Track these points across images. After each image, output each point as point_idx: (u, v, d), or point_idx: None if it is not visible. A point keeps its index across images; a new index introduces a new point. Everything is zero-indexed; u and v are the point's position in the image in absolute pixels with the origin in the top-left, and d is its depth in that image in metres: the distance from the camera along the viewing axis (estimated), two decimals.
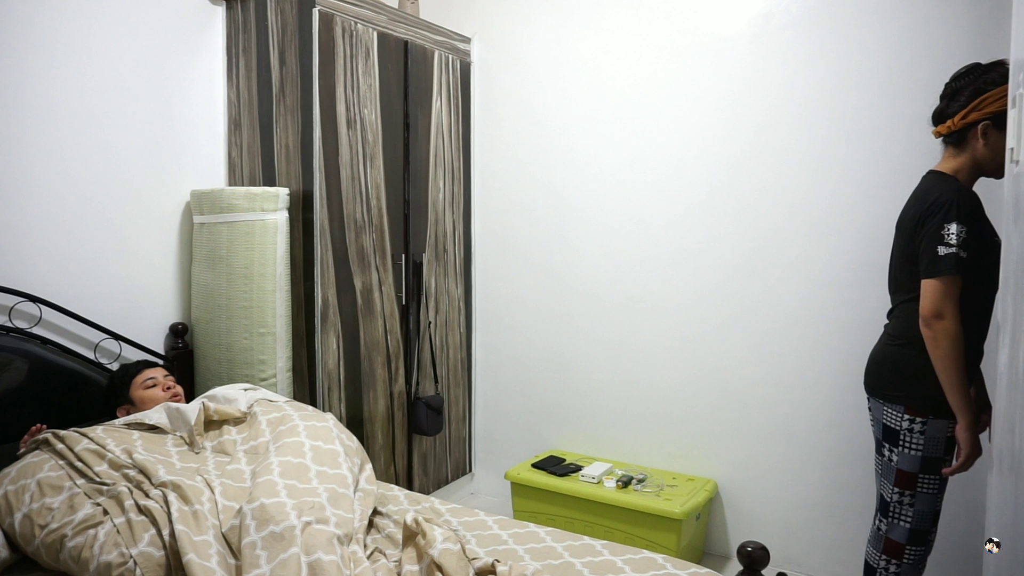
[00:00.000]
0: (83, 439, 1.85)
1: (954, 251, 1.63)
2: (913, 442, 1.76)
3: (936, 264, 1.65)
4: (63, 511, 1.63)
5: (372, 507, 1.79)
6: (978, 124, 1.68)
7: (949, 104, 1.76)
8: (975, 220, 1.68)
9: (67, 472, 1.75)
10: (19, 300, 2.14)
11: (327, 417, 2.00)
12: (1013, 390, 1.20)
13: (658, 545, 2.49)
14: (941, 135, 1.78)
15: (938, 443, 1.73)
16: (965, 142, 1.73)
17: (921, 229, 1.71)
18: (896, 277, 1.86)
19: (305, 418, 1.95)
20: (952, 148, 1.77)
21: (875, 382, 1.86)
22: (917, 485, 1.77)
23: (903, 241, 1.80)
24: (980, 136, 1.69)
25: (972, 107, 1.68)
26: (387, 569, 1.53)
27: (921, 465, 1.75)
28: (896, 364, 1.80)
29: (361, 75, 2.63)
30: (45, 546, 1.60)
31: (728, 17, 2.61)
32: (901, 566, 1.81)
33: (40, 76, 2.18)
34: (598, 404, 3.00)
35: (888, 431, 1.81)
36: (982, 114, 1.67)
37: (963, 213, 1.65)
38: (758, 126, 2.57)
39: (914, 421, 1.75)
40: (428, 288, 3.00)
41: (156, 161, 2.52)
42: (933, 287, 1.65)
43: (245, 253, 2.46)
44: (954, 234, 1.63)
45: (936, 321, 1.65)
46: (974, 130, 1.70)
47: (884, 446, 1.83)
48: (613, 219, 2.90)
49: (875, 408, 1.86)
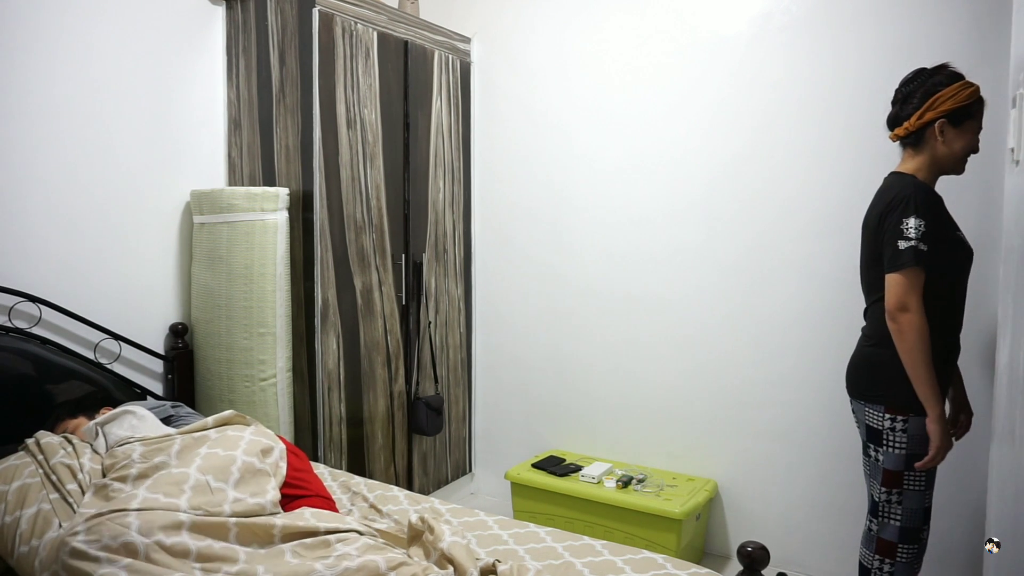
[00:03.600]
0: (60, 451, 1.81)
1: (913, 244, 1.67)
2: (896, 441, 1.77)
3: (897, 258, 1.69)
4: (31, 529, 1.60)
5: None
6: (934, 123, 1.75)
7: (902, 108, 1.82)
8: (933, 214, 1.72)
9: (42, 481, 1.72)
10: (19, 300, 2.14)
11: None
12: (1013, 390, 1.20)
13: (658, 545, 2.49)
14: (899, 137, 1.84)
15: (921, 440, 1.74)
16: (923, 142, 1.79)
17: (883, 226, 1.75)
18: (866, 278, 1.89)
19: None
20: (910, 149, 1.83)
21: (855, 384, 1.89)
22: (904, 483, 1.78)
23: (868, 242, 1.85)
24: (938, 134, 1.75)
25: (927, 107, 1.75)
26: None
27: (906, 463, 1.77)
28: (873, 364, 1.83)
29: (361, 75, 2.63)
30: (19, 564, 1.58)
31: (728, 17, 2.60)
32: (895, 565, 1.81)
33: (40, 76, 2.18)
34: (598, 404, 3.00)
35: (871, 431, 1.83)
36: (937, 113, 1.74)
37: (921, 207, 1.69)
38: (758, 126, 2.57)
39: (895, 420, 1.77)
40: (428, 288, 3.00)
41: (156, 161, 2.52)
42: (896, 281, 1.69)
43: (245, 253, 2.46)
44: (912, 228, 1.68)
45: (901, 314, 1.68)
46: (931, 129, 1.76)
47: (869, 447, 1.85)
48: (613, 219, 2.90)
49: (857, 410, 1.89)
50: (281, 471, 1.84)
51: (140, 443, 1.78)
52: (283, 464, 1.86)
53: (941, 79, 1.76)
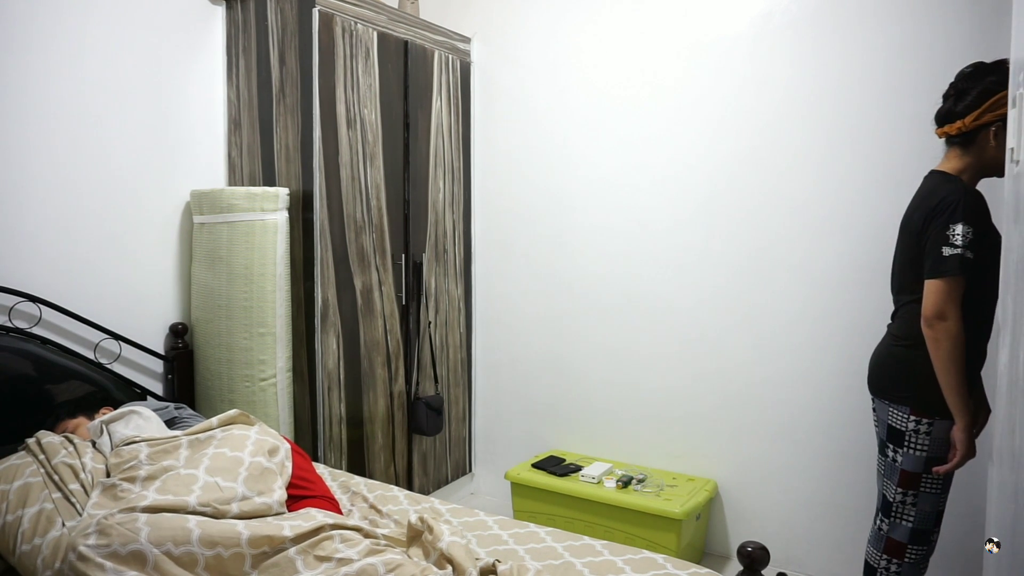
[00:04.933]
0: (61, 450, 1.80)
1: (959, 252, 1.62)
2: (919, 443, 1.75)
3: (940, 265, 1.64)
4: (34, 528, 1.60)
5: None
6: (991, 126, 1.67)
7: (955, 104, 1.73)
8: (981, 221, 1.67)
9: (44, 480, 1.72)
10: (19, 300, 2.14)
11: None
12: (1013, 390, 1.20)
13: (658, 545, 2.49)
14: (948, 135, 1.75)
15: (943, 443, 1.73)
16: (974, 143, 1.71)
17: (927, 230, 1.70)
18: (900, 278, 1.85)
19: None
20: (957, 148, 1.75)
21: (880, 383, 1.86)
22: (920, 485, 1.77)
23: (908, 242, 1.79)
24: (993, 138, 1.68)
25: (986, 108, 1.67)
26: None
27: (925, 465, 1.75)
28: (902, 365, 1.79)
29: (361, 75, 2.63)
30: (21, 562, 1.58)
31: (729, 17, 2.60)
32: (902, 565, 1.81)
33: (40, 76, 2.18)
34: (598, 404, 3.00)
35: (893, 432, 1.80)
36: (996, 115, 1.66)
37: (970, 214, 1.64)
38: (759, 126, 2.57)
39: (920, 422, 1.75)
40: (428, 288, 3.00)
41: (156, 161, 2.52)
42: (936, 287, 1.65)
43: (245, 253, 2.46)
44: (960, 235, 1.63)
45: (938, 322, 1.64)
46: (986, 132, 1.69)
47: (888, 447, 1.82)
48: (613, 218, 2.90)
49: (880, 409, 1.85)
50: (287, 470, 1.84)
51: (146, 443, 1.78)
52: (289, 464, 1.87)
53: (1000, 77, 1.66)
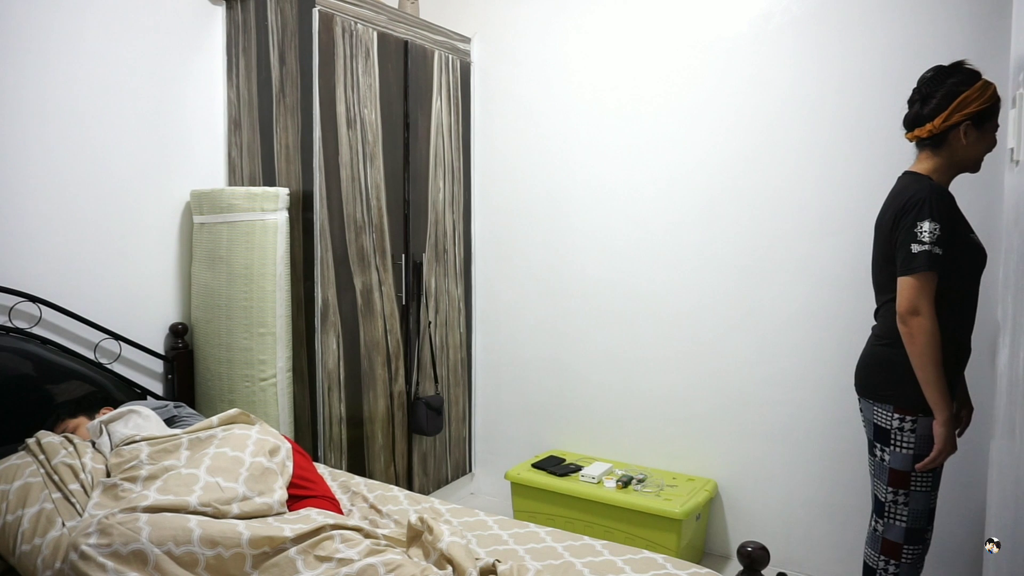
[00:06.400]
0: (61, 450, 1.80)
1: (927, 248, 1.66)
2: (904, 441, 1.77)
3: (911, 261, 1.68)
4: (34, 528, 1.59)
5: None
6: (959, 125, 1.73)
7: (922, 108, 1.78)
8: (949, 218, 1.71)
9: (44, 480, 1.71)
10: (19, 300, 2.14)
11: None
12: (1013, 390, 1.20)
13: (658, 545, 2.49)
14: (919, 138, 1.81)
15: (929, 440, 1.74)
16: (945, 143, 1.77)
17: (896, 228, 1.74)
18: (878, 278, 1.89)
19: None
20: (928, 150, 1.80)
21: (864, 382, 1.89)
22: (910, 483, 1.78)
23: (881, 242, 1.84)
24: (963, 136, 1.73)
25: (953, 108, 1.72)
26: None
27: (913, 463, 1.77)
28: (884, 364, 1.82)
29: (361, 75, 2.63)
30: (21, 562, 1.58)
31: (729, 18, 2.60)
32: (900, 566, 1.81)
33: (40, 76, 2.18)
34: (598, 404, 3.00)
35: (879, 431, 1.82)
36: (963, 115, 1.72)
37: (936, 211, 1.68)
38: (759, 126, 2.57)
39: (904, 420, 1.76)
40: (428, 288, 3.00)
41: (156, 161, 2.52)
42: (908, 284, 1.69)
43: (245, 253, 2.46)
44: (927, 231, 1.67)
45: (912, 317, 1.68)
46: (955, 131, 1.74)
47: (876, 446, 1.84)
48: (613, 218, 2.90)
49: (865, 409, 1.88)
50: (288, 470, 1.84)
51: (146, 443, 1.78)
52: (290, 463, 1.87)
53: (962, 78, 1.73)
